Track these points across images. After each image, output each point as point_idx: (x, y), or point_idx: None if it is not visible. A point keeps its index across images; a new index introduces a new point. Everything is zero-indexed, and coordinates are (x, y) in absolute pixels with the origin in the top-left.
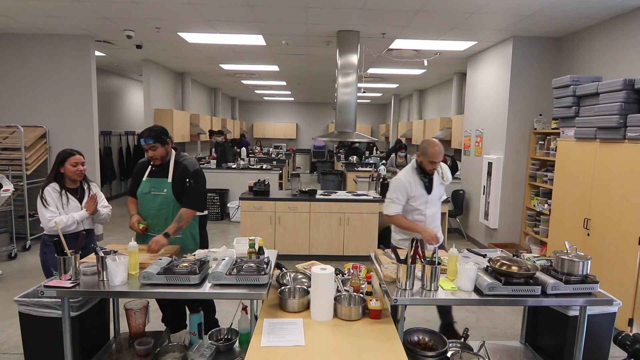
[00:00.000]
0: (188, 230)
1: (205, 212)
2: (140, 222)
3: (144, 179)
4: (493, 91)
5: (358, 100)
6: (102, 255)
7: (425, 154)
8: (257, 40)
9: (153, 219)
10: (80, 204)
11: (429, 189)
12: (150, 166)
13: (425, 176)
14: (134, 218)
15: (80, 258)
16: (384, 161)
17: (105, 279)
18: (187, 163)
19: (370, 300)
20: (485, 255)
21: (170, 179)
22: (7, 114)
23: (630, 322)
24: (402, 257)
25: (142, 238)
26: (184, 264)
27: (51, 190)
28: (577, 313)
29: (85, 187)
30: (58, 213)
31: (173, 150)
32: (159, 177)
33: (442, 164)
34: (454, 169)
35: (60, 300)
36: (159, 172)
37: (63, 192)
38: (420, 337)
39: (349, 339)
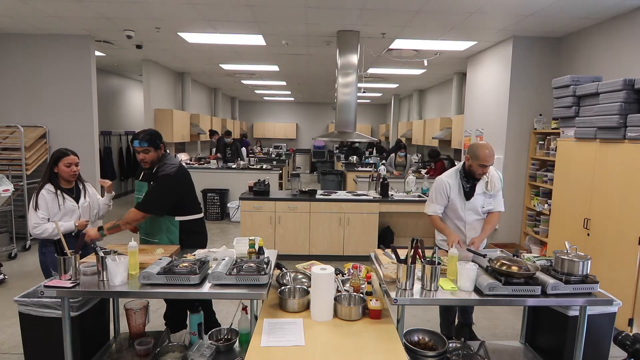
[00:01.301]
0: (165, 235)
1: (194, 217)
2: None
3: (138, 181)
4: (493, 91)
5: (358, 100)
6: (102, 255)
7: (477, 157)
8: (257, 40)
9: (139, 222)
10: (77, 203)
11: (468, 195)
12: (143, 170)
13: (468, 182)
14: None
15: (80, 258)
16: (383, 161)
17: (105, 279)
18: (162, 169)
19: (370, 300)
20: (485, 255)
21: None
22: (7, 114)
23: (630, 322)
24: (403, 257)
25: (142, 240)
26: (184, 264)
27: (45, 194)
28: (577, 313)
29: (81, 187)
30: (47, 219)
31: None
32: (143, 181)
33: (492, 172)
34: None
35: (60, 300)
36: (145, 177)
37: (59, 192)
38: (420, 337)
39: (349, 339)
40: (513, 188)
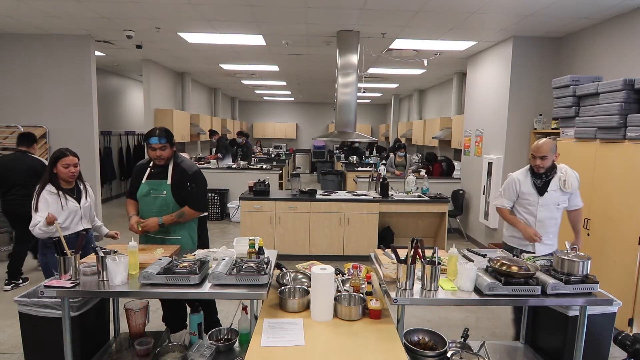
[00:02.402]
0: (186, 231)
1: (205, 213)
2: (139, 223)
3: (143, 181)
4: (493, 91)
5: (358, 100)
6: (102, 255)
7: (530, 148)
8: (257, 40)
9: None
10: (79, 203)
11: (540, 190)
12: (149, 168)
13: (539, 177)
14: (133, 219)
15: (80, 258)
16: (383, 161)
17: (105, 279)
18: (185, 165)
19: (370, 300)
20: (485, 255)
21: (169, 181)
22: (7, 114)
23: (630, 322)
24: (403, 257)
25: (144, 239)
26: (184, 264)
27: (46, 195)
28: (577, 313)
29: (82, 187)
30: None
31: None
32: (158, 179)
33: (569, 171)
34: (449, 170)
35: (60, 300)
36: (158, 174)
37: (60, 193)
38: (420, 337)
39: (349, 339)
40: None
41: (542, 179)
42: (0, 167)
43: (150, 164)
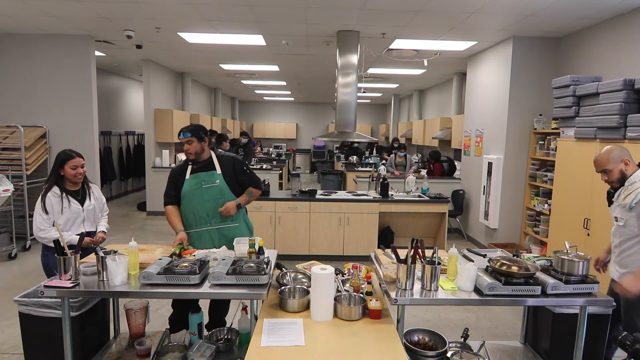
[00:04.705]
0: (242, 218)
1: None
2: (180, 245)
3: (187, 177)
4: (493, 91)
5: (358, 100)
6: (102, 255)
7: None
8: (257, 40)
9: (209, 211)
10: (82, 205)
11: (609, 202)
12: (190, 166)
13: (613, 188)
14: (181, 235)
15: (80, 258)
16: (383, 161)
17: (105, 279)
18: (231, 155)
19: (370, 300)
20: (485, 255)
21: (219, 171)
22: (7, 114)
23: None
24: (403, 257)
25: (197, 234)
26: (184, 264)
27: (52, 197)
28: (563, 310)
29: (87, 188)
30: (52, 223)
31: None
32: (207, 170)
33: (638, 184)
34: (451, 170)
35: (60, 300)
36: (203, 167)
37: (64, 195)
38: (420, 337)
39: (349, 339)
40: (513, 188)
41: (613, 190)
42: None
43: (190, 163)
